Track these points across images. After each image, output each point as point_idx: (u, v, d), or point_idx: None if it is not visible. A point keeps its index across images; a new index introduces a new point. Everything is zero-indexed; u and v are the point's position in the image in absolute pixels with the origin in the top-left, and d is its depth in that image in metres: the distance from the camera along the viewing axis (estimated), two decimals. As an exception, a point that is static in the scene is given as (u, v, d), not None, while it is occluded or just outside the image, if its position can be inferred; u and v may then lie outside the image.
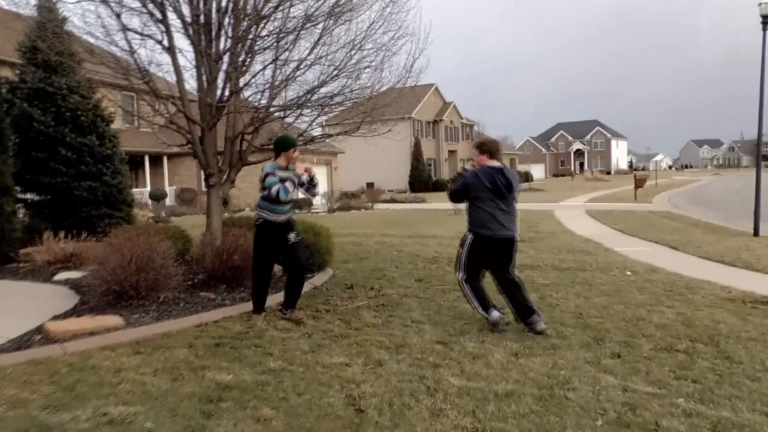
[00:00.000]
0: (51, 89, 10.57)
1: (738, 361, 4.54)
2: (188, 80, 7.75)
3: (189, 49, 7.52)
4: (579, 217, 18.83)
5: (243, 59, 7.36)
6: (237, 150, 8.01)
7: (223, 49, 7.44)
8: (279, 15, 7.32)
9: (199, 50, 7.27)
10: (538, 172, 74.05)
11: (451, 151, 53.43)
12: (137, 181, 26.58)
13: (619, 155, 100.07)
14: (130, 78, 7.15)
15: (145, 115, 8.83)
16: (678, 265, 9.11)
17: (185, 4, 7.12)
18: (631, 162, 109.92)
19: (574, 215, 19.72)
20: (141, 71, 7.08)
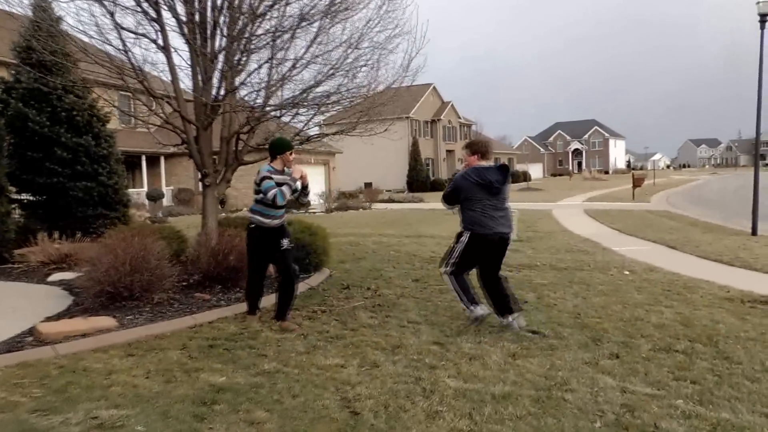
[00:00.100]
0: (46, 89, 10.50)
1: (737, 362, 4.50)
2: (183, 79, 7.71)
3: (184, 48, 7.47)
4: (577, 217, 18.79)
5: (238, 58, 7.30)
6: (233, 150, 7.96)
7: (219, 48, 7.38)
8: (275, 14, 7.27)
9: (195, 49, 7.21)
10: (536, 171, 74.04)
11: (449, 151, 53.39)
12: (134, 182, 26.51)
13: (617, 155, 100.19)
14: (125, 77, 7.09)
15: (141, 115, 8.77)
16: (676, 264, 9.07)
17: (180, 3, 7.06)
18: (629, 161, 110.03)
19: (572, 214, 19.69)
20: (135, 70, 7.02)
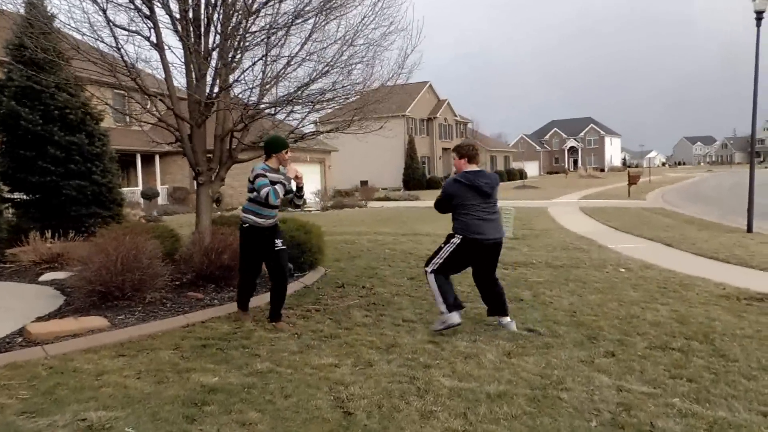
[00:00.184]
0: (39, 87, 10.41)
1: (733, 360, 4.47)
2: (177, 77, 7.64)
3: (177, 46, 7.40)
4: (573, 214, 18.78)
5: (232, 55, 7.23)
6: (227, 148, 7.89)
7: (213, 45, 7.31)
8: (269, 11, 7.21)
9: (188, 46, 7.14)
10: (532, 169, 74.07)
11: (445, 149, 53.31)
12: (129, 180, 26.38)
13: (613, 152, 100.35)
14: (117, 75, 7.02)
15: (135, 113, 8.69)
16: (672, 261, 9.06)
17: (173, 1, 6.99)
18: (624, 159, 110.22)
19: (568, 212, 19.68)
20: (128, 68, 6.94)
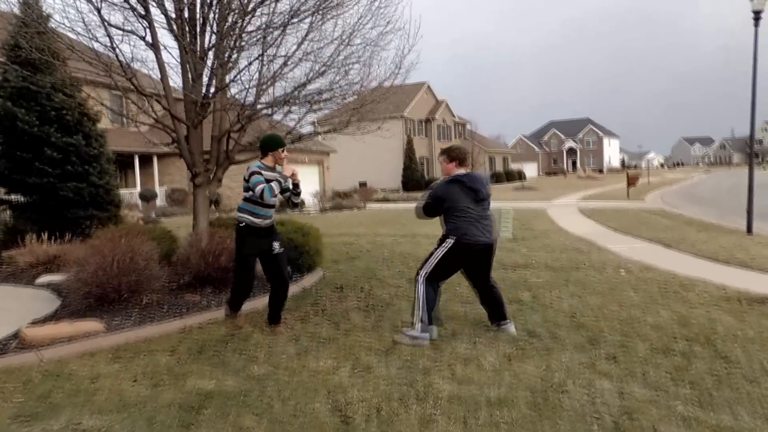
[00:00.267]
0: (35, 87, 10.35)
1: (736, 363, 4.42)
2: (173, 77, 7.59)
3: (173, 45, 7.37)
4: (572, 216, 18.74)
5: (228, 55, 7.19)
6: (224, 149, 7.85)
7: (209, 45, 7.27)
8: (265, 10, 7.16)
9: (184, 46, 7.09)
10: (530, 170, 73.99)
11: (444, 150, 53.26)
12: (127, 181, 26.31)
13: (612, 153, 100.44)
14: (113, 75, 6.96)
15: (132, 114, 8.64)
16: (672, 263, 9.01)
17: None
18: (623, 160, 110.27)
19: (567, 213, 19.64)
20: (123, 68, 6.90)
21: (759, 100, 12.93)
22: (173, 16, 6.99)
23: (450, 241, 5.05)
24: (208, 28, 7.18)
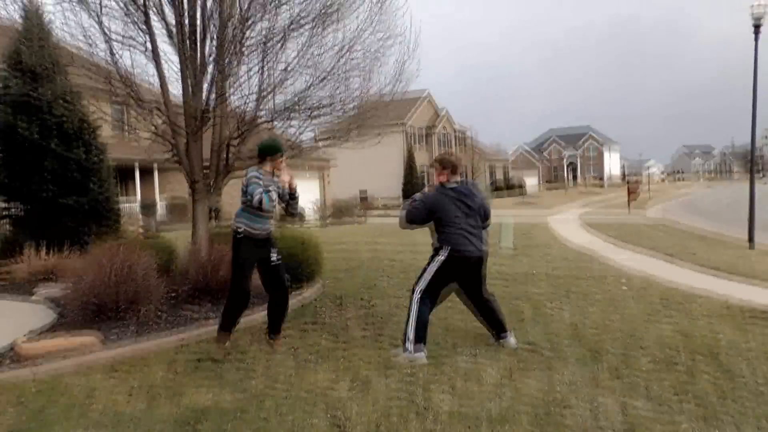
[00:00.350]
0: (36, 95, 10.32)
1: (740, 376, 4.37)
2: (173, 88, 7.57)
3: (174, 54, 7.33)
4: (573, 227, 18.70)
5: (228, 64, 7.17)
6: (223, 159, 7.81)
7: (209, 55, 7.26)
8: (265, 20, 7.15)
9: (184, 55, 7.08)
10: (531, 180, 73.72)
11: (445, 160, 53.24)
12: (127, 192, 26.25)
13: (612, 162, 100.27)
14: (113, 84, 6.94)
15: (133, 125, 8.62)
16: (673, 274, 8.97)
17: (168, 7, 6.93)
18: (623, 168, 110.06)
19: (568, 225, 19.60)
20: (122, 77, 6.88)
21: (759, 109, 12.94)
22: (173, 23, 6.98)
23: (443, 254, 4.97)
24: (209, 38, 7.17)
